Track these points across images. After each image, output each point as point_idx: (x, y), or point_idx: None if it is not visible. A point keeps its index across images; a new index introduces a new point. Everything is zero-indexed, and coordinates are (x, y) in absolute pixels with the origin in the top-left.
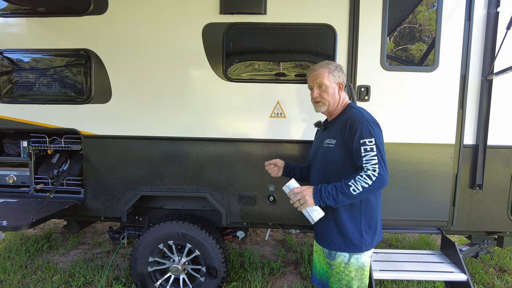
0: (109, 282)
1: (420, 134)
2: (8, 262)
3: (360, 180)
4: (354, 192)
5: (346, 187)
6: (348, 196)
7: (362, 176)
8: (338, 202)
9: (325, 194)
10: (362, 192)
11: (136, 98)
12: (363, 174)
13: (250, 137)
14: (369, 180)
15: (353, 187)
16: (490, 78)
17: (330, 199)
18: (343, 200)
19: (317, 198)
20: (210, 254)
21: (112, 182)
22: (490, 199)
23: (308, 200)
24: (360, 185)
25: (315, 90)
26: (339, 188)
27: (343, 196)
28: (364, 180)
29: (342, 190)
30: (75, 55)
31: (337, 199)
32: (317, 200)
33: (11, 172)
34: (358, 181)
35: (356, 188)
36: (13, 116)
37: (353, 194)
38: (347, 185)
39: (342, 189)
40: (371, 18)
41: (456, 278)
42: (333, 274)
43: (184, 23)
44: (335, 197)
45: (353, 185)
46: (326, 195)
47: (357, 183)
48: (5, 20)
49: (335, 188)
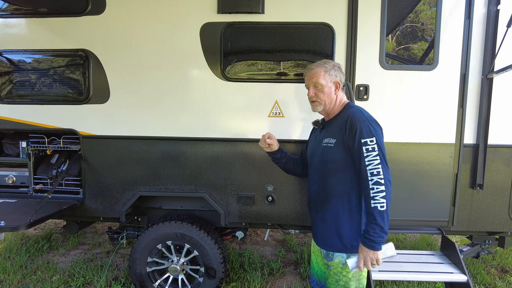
0: (108, 282)
1: (420, 134)
2: (8, 262)
3: (376, 194)
4: (383, 208)
5: (376, 213)
6: (383, 215)
7: (373, 188)
8: (386, 227)
9: (376, 237)
10: (387, 202)
11: (134, 98)
12: (373, 187)
13: (248, 137)
14: (380, 186)
15: (378, 205)
16: (491, 77)
17: (381, 234)
18: (386, 222)
19: (376, 246)
20: (208, 255)
21: (110, 183)
22: (491, 199)
23: (374, 256)
24: (379, 197)
25: (311, 89)
26: (373, 221)
27: (382, 220)
28: (378, 191)
29: (376, 219)
30: (73, 56)
31: (384, 227)
32: (378, 247)
33: (11, 173)
34: (375, 198)
35: (380, 204)
36: (12, 116)
37: (385, 209)
38: (374, 211)
39: (375, 218)
40: (370, 17)
41: (456, 279)
42: (331, 275)
43: (182, 23)
44: (381, 230)
45: (377, 204)
46: (376, 236)
47: (376, 200)
48: (4, 21)
49: (373, 225)
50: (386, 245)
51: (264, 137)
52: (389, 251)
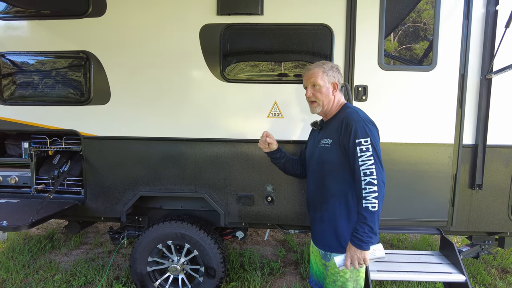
0: (109, 281)
1: (418, 134)
2: (11, 262)
3: (368, 194)
4: (374, 209)
5: (366, 213)
6: (374, 216)
7: (366, 188)
8: (376, 228)
9: (364, 237)
10: (379, 203)
11: (134, 99)
12: (365, 187)
13: (247, 138)
14: (373, 186)
15: (369, 205)
16: (489, 77)
17: (370, 235)
18: (376, 223)
19: (364, 245)
20: (208, 254)
21: (111, 183)
22: (490, 199)
23: (361, 256)
24: (371, 197)
25: (308, 89)
26: (363, 220)
27: (372, 221)
28: (370, 191)
29: (366, 219)
30: (74, 57)
31: (374, 227)
32: (365, 246)
33: (13, 173)
34: (367, 198)
35: (372, 204)
36: (15, 117)
37: (376, 210)
38: (365, 211)
39: (365, 218)
40: (368, 18)
41: (454, 279)
42: (328, 275)
43: (182, 24)
44: (370, 230)
45: (368, 205)
46: (364, 236)
47: (368, 200)
48: (6, 23)
49: (362, 224)
50: (375, 246)
51: (263, 137)
52: (378, 252)
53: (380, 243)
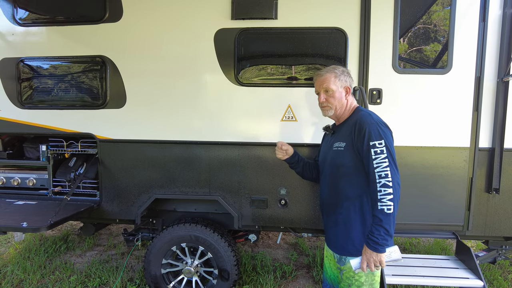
0: (123, 283)
1: (433, 137)
2: (28, 262)
3: (383, 196)
4: (390, 211)
5: (382, 215)
6: (389, 218)
7: (381, 191)
8: (392, 230)
9: (380, 239)
10: (395, 205)
11: (149, 103)
12: (381, 189)
13: (261, 141)
14: (388, 189)
15: (384, 208)
16: (506, 80)
17: (386, 237)
18: (391, 225)
19: (380, 248)
20: (222, 257)
21: (126, 185)
22: (507, 204)
23: (377, 258)
24: (386, 199)
25: (321, 94)
26: (379, 223)
27: (387, 223)
28: (385, 194)
29: (381, 221)
30: (91, 62)
31: (390, 230)
32: (381, 249)
33: (31, 175)
34: (382, 200)
35: (387, 206)
36: (33, 121)
37: (391, 212)
38: (381, 213)
39: (380, 220)
40: (383, 21)
41: (472, 284)
42: (343, 279)
43: (197, 29)
44: (386, 232)
45: (384, 207)
46: (380, 238)
47: (383, 202)
48: (25, 29)
49: (378, 227)
50: (391, 248)
51: (278, 146)
52: (394, 254)
53: (396, 245)
